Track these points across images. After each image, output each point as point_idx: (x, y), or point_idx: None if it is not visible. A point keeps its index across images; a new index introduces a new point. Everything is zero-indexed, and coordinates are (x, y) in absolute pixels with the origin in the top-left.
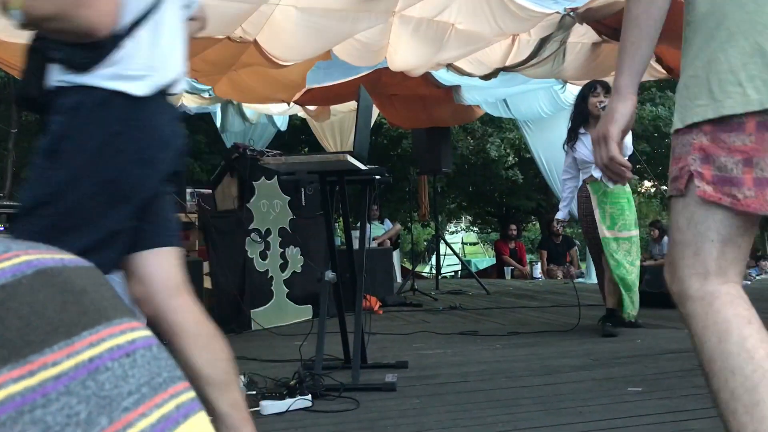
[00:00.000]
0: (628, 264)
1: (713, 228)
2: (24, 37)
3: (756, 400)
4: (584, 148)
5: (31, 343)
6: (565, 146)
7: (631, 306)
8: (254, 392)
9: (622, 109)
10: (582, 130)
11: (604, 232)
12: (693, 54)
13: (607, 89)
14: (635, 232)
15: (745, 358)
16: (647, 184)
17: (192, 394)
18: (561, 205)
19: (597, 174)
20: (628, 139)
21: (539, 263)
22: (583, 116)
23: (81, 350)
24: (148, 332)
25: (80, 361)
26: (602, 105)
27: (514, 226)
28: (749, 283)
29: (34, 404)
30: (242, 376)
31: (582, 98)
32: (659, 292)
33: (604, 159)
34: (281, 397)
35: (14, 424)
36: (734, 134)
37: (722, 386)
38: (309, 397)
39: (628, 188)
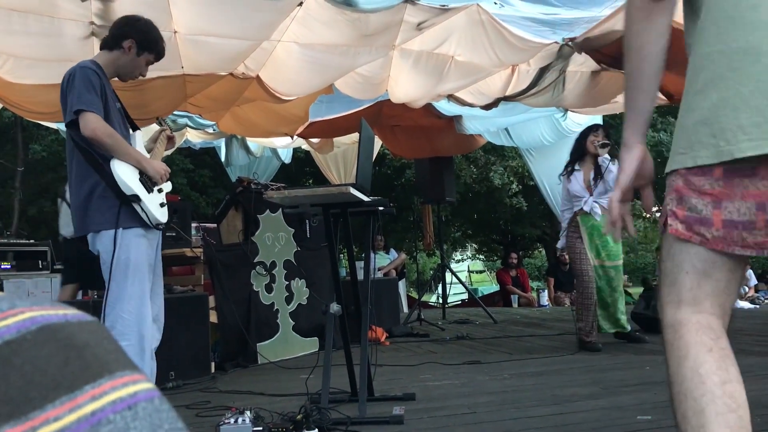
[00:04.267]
0: (610, 289)
1: (688, 261)
2: (27, 78)
3: (701, 423)
4: (576, 183)
5: (32, 400)
6: (560, 177)
7: (606, 323)
8: (261, 428)
9: (628, 158)
10: (577, 167)
11: (593, 261)
12: (683, 102)
13: (606, 132)
14: (620, 262)
15: (696, 382)
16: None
17: None
18: (561, 234)
19: (587, 207)
20: (611, 176)
21: (546, 290)
22: (580, 152)
23: (83, 404)
24: (149, 384)
25: (82, 414)
26: (599, 143)
27: (514, 255)
28: (758, 306)
29: None
30: (248, 411)
31: (583, 136)
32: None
33: (611, 204)
34: None
35: None
36: (704, 178)
37: (676, 408)
38: (316, 431)
39: None
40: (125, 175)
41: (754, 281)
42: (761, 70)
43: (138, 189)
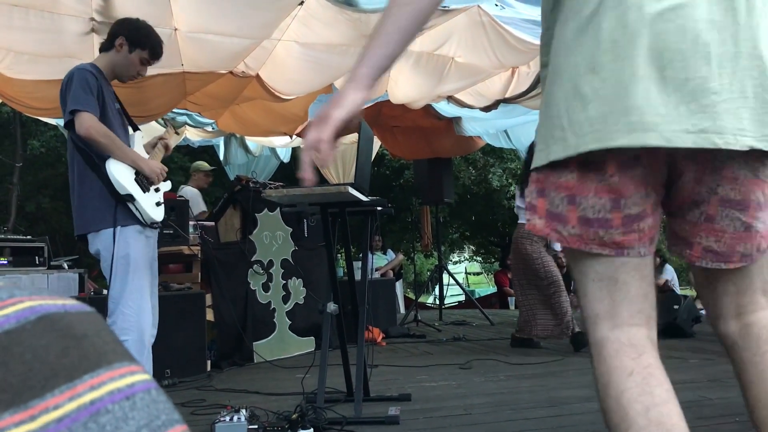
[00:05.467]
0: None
1: (590, 267)
2: (27, 73)
3: None
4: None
5: (32, 388)
6: (517, 187)
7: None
8: (256, 426)
9: (354, 97)
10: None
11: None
12: (542, 97)
13: None
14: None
15: (621, 415)
16: None
17: None
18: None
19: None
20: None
21: None
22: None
23: (82, 393)
24: (147, 376)
25: (82, 403)
26: None
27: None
28: None
29: None
30: (244, 410)
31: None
32: (665, 323)
33: (313, 141)
34: (283, 431)
35: None
36: (559, 171)
37: None
38: (311, 430)
39: None
40: (120, 174)
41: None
42: (610, 62)
43: (132, 188)
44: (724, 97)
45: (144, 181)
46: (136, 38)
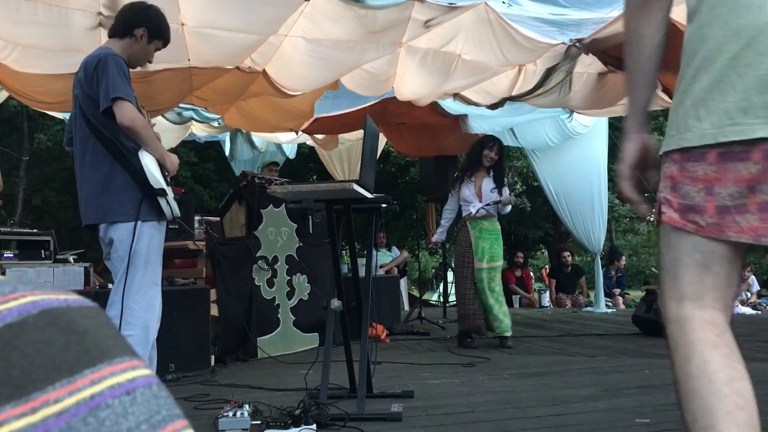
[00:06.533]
0: (489, 291)
1: (686, 253)
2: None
3: (711, 423)
4: (467, 189)
5: (34, 381)
6: (451, 190)
7: (501, 324)
8: (259, 421)
9: (627, 148)
10: (469, 173)
11: (479, 264)
12: (677, 86)
13: (501, 148)
14: (500, 263)
15: (704, 381)
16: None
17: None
18: (438, 231)
19: (473, 210)
20: (486, 186)
21: (548, 291)
22: (474, 164)
23: (82, 387)
24: (148, 371)
25: (81, 398)
26: (491, 161)
27: (520, 254)
28: (760, 312)
29: None
30: (247, 405)
31: (479, 148)
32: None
33: (622, 192)
34: (286, 427)
35: None
36: (697, 164)
37: (685, 407)
38: (314, 426)
39: (497, 225)
40: (155, 168)
41: (756, 287)
42: (751, 54)
43: (164, 183)
44: None
45: (166, 175)
46: (157, 30)
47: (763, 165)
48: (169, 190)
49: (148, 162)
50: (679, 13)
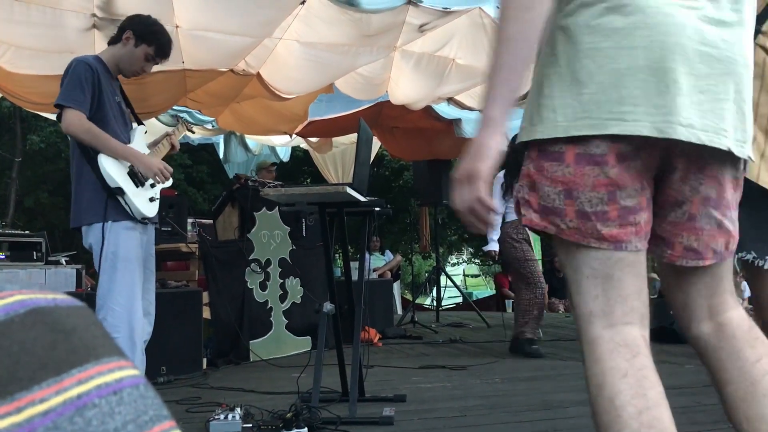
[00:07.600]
0: None
1: (584, 263)
2: (28, 68)
3: None
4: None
5: (19, 380)
6: (501, 187)
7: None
8: (250, 425)
9: (494, 144)
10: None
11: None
12: (533, 76)
13: None
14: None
15: (613, 416)
16: None
17: None
18: (491, 239)
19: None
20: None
21: None
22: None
23: (69, 387)
24: (136, 371)
25: (68, 397)
26: None
27: None
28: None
29: None
30: (238, 408)
31: (520, 151)
32: (660, 327)
33: (468, 201)
34: (277, 430)
35: None
36: (555, 164)
37: None
38: (305, 430)
39: None
40: (111, 167)
41: (748, 293)
42: (610, 46)
43: (123, 182)
44: (709, 97)
45: (139, 176)
46: (142, 33)
47: (619, 169)
48: (137, 190)
49: (104, 161)
50: None
